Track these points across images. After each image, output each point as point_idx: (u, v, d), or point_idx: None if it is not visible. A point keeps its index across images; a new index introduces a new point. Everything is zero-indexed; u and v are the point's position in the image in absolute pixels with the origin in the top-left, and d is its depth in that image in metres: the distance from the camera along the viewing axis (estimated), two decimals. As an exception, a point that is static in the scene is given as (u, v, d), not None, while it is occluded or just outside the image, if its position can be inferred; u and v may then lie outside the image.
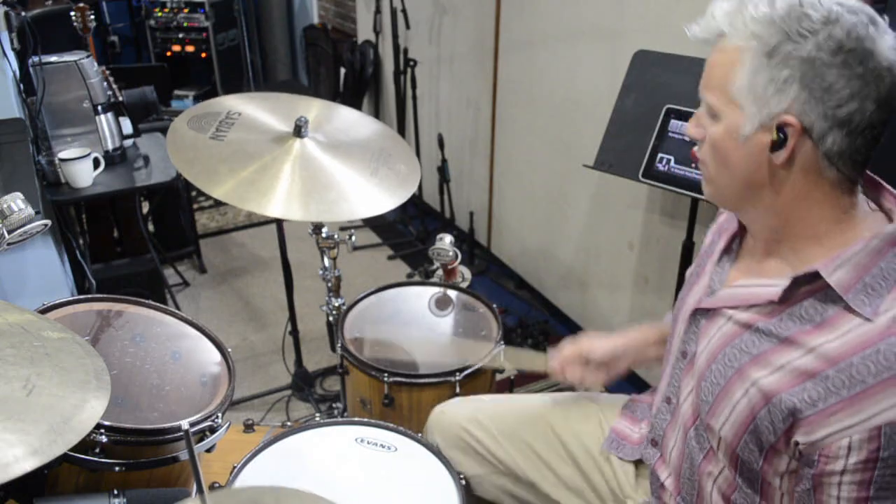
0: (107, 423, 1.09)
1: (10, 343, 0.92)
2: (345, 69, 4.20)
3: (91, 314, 1.34)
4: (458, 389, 1.57)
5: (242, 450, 1.28)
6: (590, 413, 1.35)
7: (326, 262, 1.93)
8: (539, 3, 2.56)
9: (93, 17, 2.44)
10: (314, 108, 1.87)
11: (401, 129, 3.48)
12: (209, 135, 1.68)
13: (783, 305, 0.92)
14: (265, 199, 1.56)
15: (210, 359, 1.36)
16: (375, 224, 3.60)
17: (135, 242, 2.82)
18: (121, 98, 2.41)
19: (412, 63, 3.27)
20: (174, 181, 2.30)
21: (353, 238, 1.89)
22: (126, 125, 2.37)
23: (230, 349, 1.37)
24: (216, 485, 1.32)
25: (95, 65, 2.26)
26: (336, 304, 1.95)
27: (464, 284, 1.89)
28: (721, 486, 1.04)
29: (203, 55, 4.51)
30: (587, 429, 1.33)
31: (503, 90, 2.92)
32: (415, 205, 3.63)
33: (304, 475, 1.24)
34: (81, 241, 2.54)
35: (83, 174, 2.15)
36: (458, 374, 1.57)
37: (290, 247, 2.20)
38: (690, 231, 1.94)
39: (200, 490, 0.76)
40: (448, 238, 1.86)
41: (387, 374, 1.57)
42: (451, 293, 1.85)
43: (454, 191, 3.35)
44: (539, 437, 1.33)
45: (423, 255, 3.29)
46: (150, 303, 1.41)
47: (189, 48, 4.51)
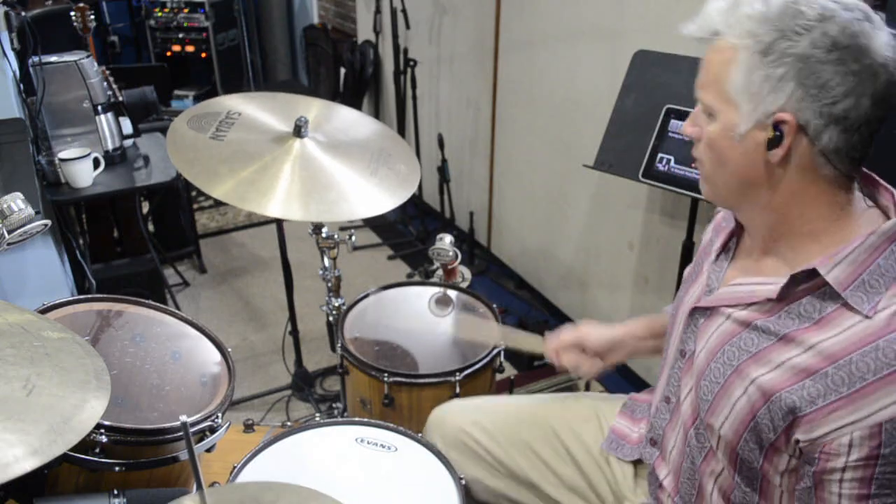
0: (107, 423, 1.09)
1: (10, 343, 0.92)
2: (345, 69, 4.20)
3: (91, 314, 1.34)
4: (458, 389, 1.57)
5: (242, 450, 1.28)
6: (589, 413, 1.35)
7: (326, 262, 1.93)
8: (539, 3, 2.56)
9: (93, 17, 2.44)
10: (314, 108, 1.87)
11: (401, 129, 3.48)
12: (209, 135, 1.68)
13: (781, 303, 0.92)
14: (265, 200, 1.56)
15: (210, 359, 1.36)
16: (375, 224, 3.60)
17: (135, 242, 2.82)
18: (121, 98, 2.41)
19: (412, 63, 3.27)
20: (174, 181, 2.31)
21: (353, 238, 1.89)
22: (126, 125, 2.37)
23: (230, 349, 1.37)
24: (216, 484, 1.32)
25: (95, 65, 2.26)
26: (336, 304, 1.95)
27: (464, 284, 1.89)
28: (721, 485, 1.04)
29: (203, 55, 4.51)
30: (587, 429, 1.33)
31: (503, 90, 2.92)
32: (415, 205, 3.63)
33: (304, 475, 1.24)
34: (81, 241, 2.54)
35: (83, 174, 2.15)
36: (458, 374, 1.57)
37: (290, 247, 2.20)
38: (690, 231, 1.94)
39: (200, 487, 0.76)
40: (448, 238, 1.86)
41: (387, 374, 1.57)
42: (451, 293, 1.85)
43: (454, 191, 3.35)
44: (539, 438, 1.33)
45: (423, 255, 3.29)
46: (150, 303, 1.40)
47: (189, 48, 4.51)
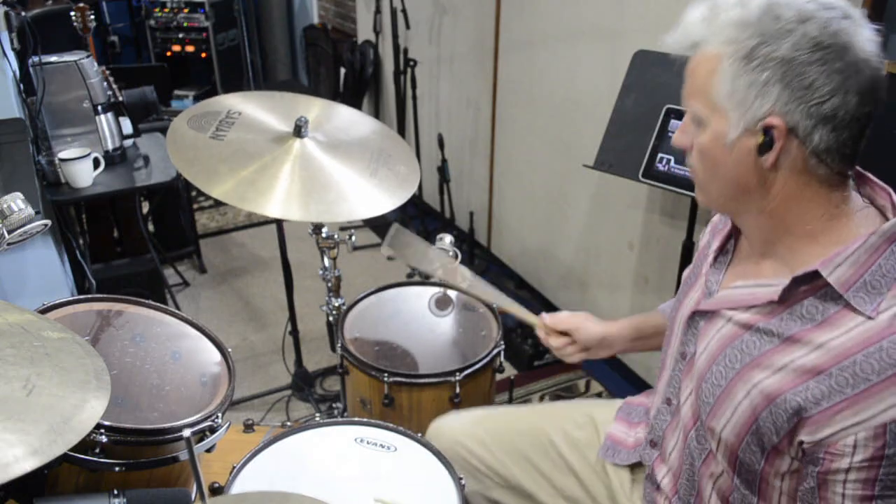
0: (107, 423, 1.09)
1: (10, 343, 0.92)
2: (345, 69, 4.20)
3: (91, 314, 1.34)
4: (458, 389, 1.57)
5: (242, 450, 1.28)
6: (585, 420, 1.35)
7: (326, 262, 1.93)
8: (539, 3, 2.56)
9: (93, 17, 2.43)
10: (314, 108, 1.87)
11: (401, 129, 3.48)
12: (209, 134, 1.68)
13: (783, 305, 0.92)
14: (264, 200, 1.56)
15: (210, 359, 1.36)
16: (375, 224, 3.60)
17: (135, 242, 2.82)
18: (121, 98, 2.40)
19: (412, 63, 3.27)
20: (174, 181, 2.31)
21: (353, 238, 1.89)
22: (126, 125, 2.37)
23: (230, 349, 1.37)
24: (216, 485, 1.32)
25: (95, 65, 2.26)
26: (336, 304, 1.95)
27: (464, 284, 1.88)
28: (720, 487, 1.04)
29: (203, 55, 4.51)
30: (583, 436, 1.33)
31: (503, 90, 2.92)
32: (415, 205, 3.63)
33: (304, 475, 1.24)
34: (81, 241, 2.54)
35: (83, 174, 2.15)
36: (458, 374, 1.57)
37: (290, 247, 2.20)
38: (690, 231, 1.94)
39: (201, 493, 0.76)
40: (448, 238, 1.85)
41: (387, 374, 1.57)
42: (451, 293, 1.85)
43: (454, 191, 3.35)
44: (536, 449, 1.33)
45: (423, 255, 3.29)
46: (150, 303, 1.40)
47: (189, 48, 4.51)
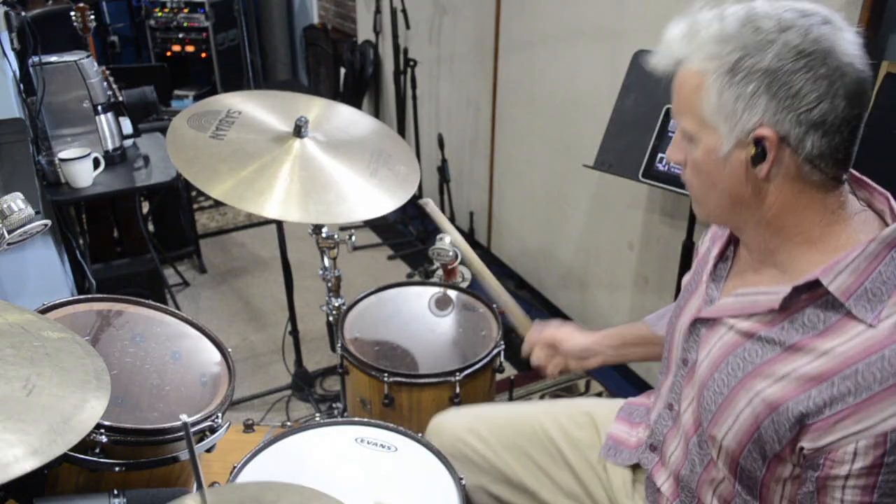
0: (107, 423, 1.09)
1: (10, 343, 0.92)
2: (345, 69, 4.20)
3: (91, 314, 1.34)
4: (458, 389, 1.57)
5: (242, 450, 1.28)
6: (586, 420, 1.35)
7: (326, 262, 1.93)
8: (539, 3, 2.56)
9: (93, 17, 2.44)
10: (314, 108, 1.87)
11: (401, 129, 3.48)
12: (209, 134, 1.68)
13: (784, 314, 0.92)
14: (263, 200, 1.56)
15: (210, 359, 1.36)
16: (375, 224, 3.60)
17: (135, 242, 2.82)
18: (121, 98, 2.41)
19: (412, 63, 3.27)
20: (174, 181, 2.31)
21: (353, 238, 1.89)
22: (126, 125, 2.37)
23: (230, 349, 1.37)
24: (216, 484, 1.32)
25: (95, 65, 2.26)
26: (336, 304, 1.95)
27: (464, 284, 1.89)
28: (721, 494, 1.04)
29: (203, 55, 4.51)
30: (583, 435, 1.33)
31: (503, 90, 2.92)
32: (415, 205, 3.62)
33: (304, 475, 1.24)
34: (81, 241, 2.54)
35: (83, 174, 2.15)
36: (458, 374, 1.57)
37: (290, 247, 2.20)
38: (690, 231, 1.94)
39: (200, 486, 0.76)
40: (448, 238, 1.86)
41: (387, 374, 1.57)
42: (451, 293, 1.85)
43: (454, 191, 3.35)
44: (537, 446, 1.33)
45: (423, 255, 3.29)
46: (150, 303, 1.40)
47: (189, 48, 4.51)
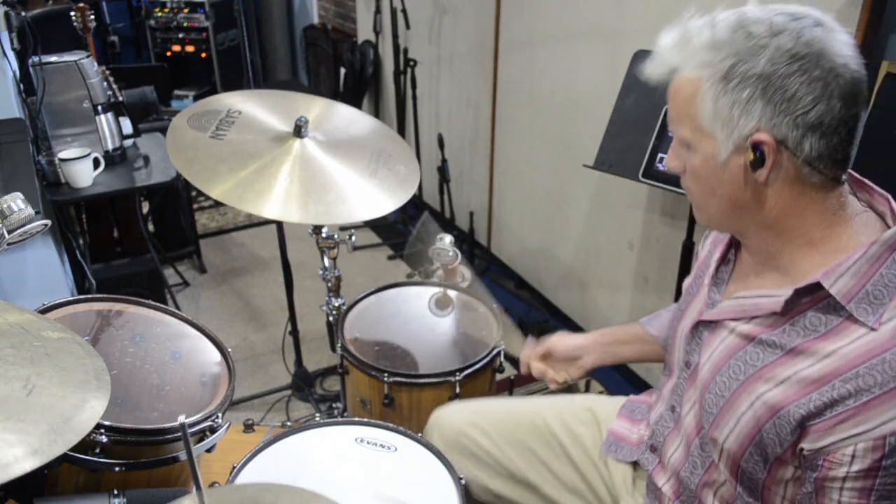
0: (107, 423, 1.09)
1: (10, 343, 0.92)
2: (345, 69, 4.20)
3: (91, 314, 1.34)
4: (458, 389, 1.57)
5: (242, 450, 1.28)
6: (587, 416, 1.35)
7: (326, 262, 1.93)
8: (539, 3, 2.56)
9: (93, 17, 2.44)
10: (314, 107, 1.87)
11: (401, 129, 3.48)
12: (209, 134, 1.68)
13: (785, 316, 0.92)
14: (263, 200, 1.56)
15: (210, 359, 1.36)
16: (375, 224, 3.60)
17: (135, 242, 2.82)
18: (121, 98, 2.41)
19: (412, 63, 3.27)
20: (174, 181, 2.31)
21: (353, 238, 1.89)
22: (126, 125, 2.37)
23: (230, 349, 1.37)
24: (216, 485, 1.32)
25: (95, 65, 2.26)
26: (336, 304, 1.95)
27: (464, 284, 1.88)
28: (723, 496, 1.04)
29: (203, 55, 4.51)
30: (585, 431, 1.33)
31: (503, 90, 2.92)
32: (415, 205, 3.63)
33: (304, 475, 1.24)
34: (81, 241, 2.54)
35: (83, 174, 2.15)
36: (458, 374, 1.56)
37: (290, 247, 2.20)
38: (690, 231, 1.94)
39: (198, 486, 0.76)
40: (448, 238, 1.86)
41: (387, 374, 1.57)
42: (451, 293, 1.85)
43: (454, 191, 3.35)
44: (538, 440, 1.33)
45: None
46: (150, 303, 1.40)
47: (189, 48, 4.51)
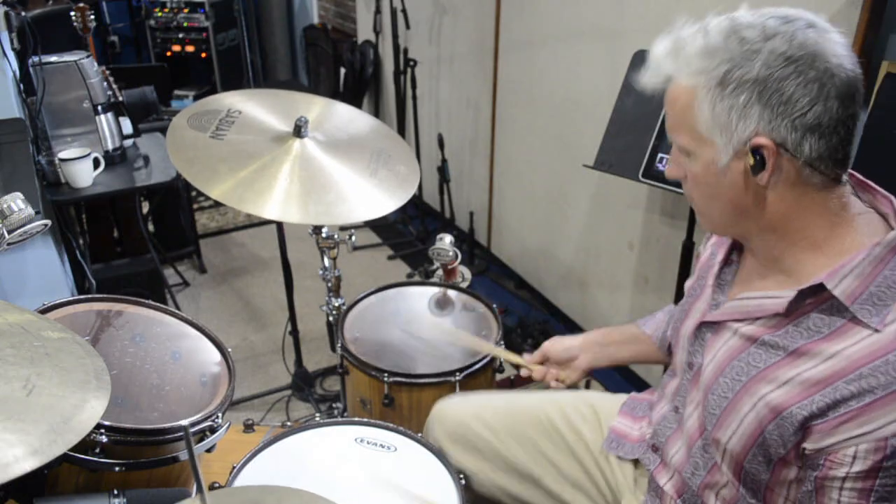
0: (107, 423, 1.09)
1: (10, 343, 0.92)
2: (345, 69, 4.20)
3: (91, 314, 1.34)
4: (458, 389, 1.57)
5: (242, 450, 1.28)
6: (589, 412, 1.36)
7: (326, 262, 1.93)
8: (539, 3, 2.56)
9: (93, 17, 2.44)
10: (314, 107, 1.87)
11: (401, 129, 3.48)
12: (209, 133, 1.68)
13: (789, 317, 0.92)
14: (263, 201, 1.56)
15: (210, 359, 1.36)
16: (375, 224, 3.60)
17: (135, 242, 2.82)
18: (121, 98, 2.41)
19: (412, 63, 3.27)
20: (174, 181, 2.31)
21: (353, 238, 1.89)
22: (126, 125, 2.37)
23: (230, 349, 1.37)
24: (216, 485, 1.32)
25: (95, 65, 2.26)
26: (336, 304, 1.95)
27: (464, 284, 1.89)
28: (725, 498, 1.04)
29: (203, 55, 4.51)
30: (587, 427, 1.33)
31: (503, 90, 2.92)
32: (415, 205, 3.63)
33: (304, 475, 1.24)
34: (81, 241, 2.54)
35: (83, 174, 2.15)
36: (458, 374, 1.57)
37: (290, 247, 2.20)
38: (690, 231, 1.94)
39: (200, 489, 0.76)
40: (448, 238, 1.86)
41: (387, 374, 1.57)
42: (451, 293, 1.85)
43: (454, 191, 3.35)
44: (541, 434, 1.33)
45: (423, 255, 3.29)
46: (150, 303, 1.40)
47: (189, 48, 4.51)
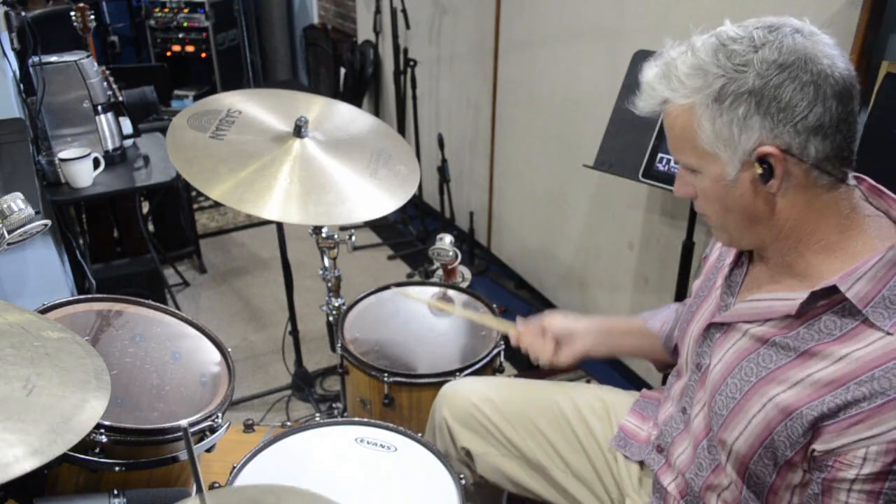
0: (107, 423, 1.09)
1: (10, 343, 0.92)
2: (345, 69, 4.20)
3: (91, 314, 1.34)
4: (458, 389, 1.57)
5: (242, 450, 1.28)
6: (599, 405, 1.35)
7: (326, 262, 1.93)
8: (539, 3, 2.56)
9: (93, 17, 2.44)
10: (314, 107, 1.87)
11: (401, 129, 3.48)
12: (209, 134, 1.68)
13: (800, 319, 0.92)
14: (263, 201, 1.56)
15: (210, 359, 1.36)
16: (375, 224, 3.60)
17: (135, 242, 2.82)
18: (121, 98, 2.41)
19: (412, 63, 3.27)
20: (174, 181, 2.30)
21: (353, 238, 1.89)
22: (126, 125, 2.37)
23: (230, 349, 1.37)
24: (216, 485, 1.32)
25: (95, 65, 2.26)
26: (336, 304, 1.95)
27: (464, 284, 1.89)
28: (726, 499, 1.04)
29: (203, 55, 4.51)
30: (596, 421, 1.33)
31: (503, 90, 2.92)
32: (415, 205, 3.63)
33: (304, 475, 1.24)
34: (81, 241, 2.54)
35: (83, 174, 2.15)
36: (458, 374, 1.56)
37: (290, 247, 2.20)
38: (690, 231, 1.94)
39: (200, 489, 0.76)
40: (448, 238, 1.86)
41: (387, 374, 1.57)
42: (451, 293, 1.85)
43: (454, 191, 3.35)
44: (551, 424, 1.33)
45: (423, 255, 3.29)
46: (150, 303, 1.40)
47: (189, 48, 4.51)
